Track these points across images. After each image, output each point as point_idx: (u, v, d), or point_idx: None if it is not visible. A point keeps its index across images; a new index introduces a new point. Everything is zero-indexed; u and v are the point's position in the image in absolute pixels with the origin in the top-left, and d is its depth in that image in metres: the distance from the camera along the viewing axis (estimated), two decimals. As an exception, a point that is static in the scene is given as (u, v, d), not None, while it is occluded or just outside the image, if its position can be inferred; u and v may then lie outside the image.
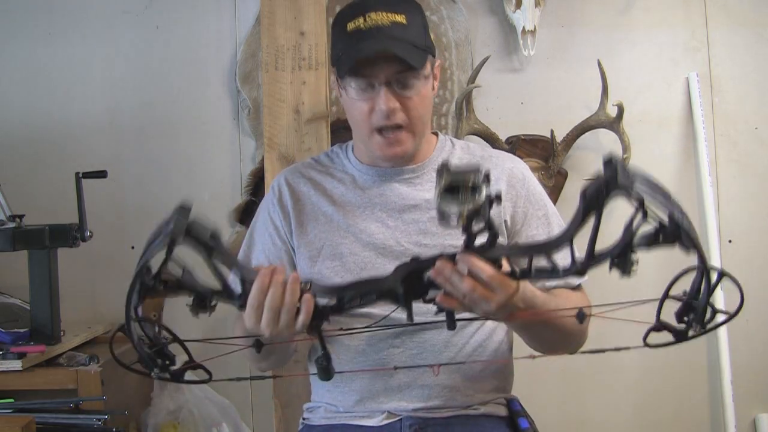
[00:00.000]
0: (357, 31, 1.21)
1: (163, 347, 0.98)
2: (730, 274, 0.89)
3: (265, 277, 0.98)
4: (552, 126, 2.08)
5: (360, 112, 1.25)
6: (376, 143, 1.26)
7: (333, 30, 1.29)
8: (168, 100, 2.18)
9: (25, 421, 1.40)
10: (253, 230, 1.39)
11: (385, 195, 1.31)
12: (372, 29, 1.21)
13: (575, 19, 2.18)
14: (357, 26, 1.21)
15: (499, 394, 1.33)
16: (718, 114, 2.18)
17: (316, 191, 1.34)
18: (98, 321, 2.07)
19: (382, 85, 1.22)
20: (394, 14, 1.22)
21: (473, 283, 0.94)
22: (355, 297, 1.01)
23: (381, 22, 1.21)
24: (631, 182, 0.82)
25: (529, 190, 1.34)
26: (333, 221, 1.30)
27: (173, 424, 1.88)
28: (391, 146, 1.26)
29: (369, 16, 1.21)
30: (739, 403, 2.09)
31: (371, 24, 1.21)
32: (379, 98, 1.22)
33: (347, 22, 1.23)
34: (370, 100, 1.23)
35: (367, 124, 1.25)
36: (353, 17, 1.23)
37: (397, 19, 1.22)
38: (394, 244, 1.27)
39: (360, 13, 1.22)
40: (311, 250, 1.30)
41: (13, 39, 2.18)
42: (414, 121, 1.26)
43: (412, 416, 1.25)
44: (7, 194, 1.82)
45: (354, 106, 1.26)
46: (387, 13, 1.21)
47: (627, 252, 0.86)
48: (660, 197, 0.85)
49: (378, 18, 1.21)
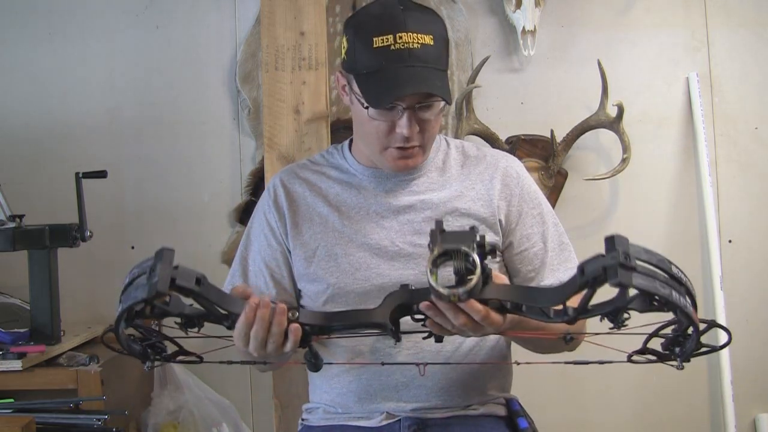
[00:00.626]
0: (386, 50, 1.17)
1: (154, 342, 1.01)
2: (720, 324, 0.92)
3: (251, 312, 1.01)
4: (552, 126, 2.08)
5: (377, 130, 1.23)
6: (389, 156, 1.25)
7: (352, 36, 1.22)
8: (168, 100, 2.18)
9: (25, 421, 1.40)
10: (249, 231, 1.39)
11: (381, 196, 1.31)
12: (402, 53, 1.16)
13: (575, 19, 2.18)
14: (386, 45, 1.17)
15: (499, 393, 1.33)
16: (718, 114, 2.18)
17: (311, 192, 1.34)
18: (98, 321, 2.08)
19: (405, 109, 1.19)
20: (423, 35, 1.18)
21: (466, 320, 0.97)
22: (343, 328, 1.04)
23: (411, 44, 1.17)
24: (630, 279, 0.82)
25: (523, 188, 1.33)
26: (328, 222, 1.30)
27: (173, 424, 1.89)
28: (405, 160, 1.25)
29: (399, 36, 1.17)
30: (739, 403, 2.09)
31: (401, 46, 1.16)
32: (401, 122, 1.20)
33: (373, 36, 1.18)
34: (390, 122, 1.21)
35: (381, 141, 1.24)
36: (381, 33, 1.17)
37: (426, 41, 1.18)
38: (389, 244, 1.27)
39: (389, 31, 1.17)
40: (306, 251, 1.30)
41: (13, 39, 2.19)
42: (428, 141, 1.26)
43: (410, 416, 1.25)
44: (7, 194, 1.82)
45: (370, 123, 1.23)
46: (417, 35, 1.17)
47: (620, 312, 0.88)
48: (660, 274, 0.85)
49: (409, 39, 1.17)
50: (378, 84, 1.18)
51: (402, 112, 1.19)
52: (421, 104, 1.20)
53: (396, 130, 1.21)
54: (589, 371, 2.17)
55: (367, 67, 1.19)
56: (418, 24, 1.19)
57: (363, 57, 1.20)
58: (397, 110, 1.20)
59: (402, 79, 1.17)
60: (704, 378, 2.18)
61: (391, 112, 1.20)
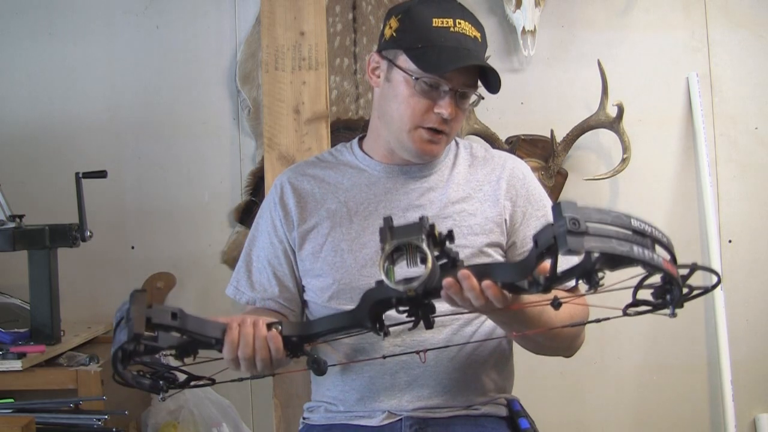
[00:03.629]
0: (445, 30, 1.21)
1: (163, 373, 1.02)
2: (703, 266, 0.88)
3: (234, 332, 1.04)
4: (552, 126, 2.08)
5: (414, 108, 1.24)
6: (417, 137, 1.26)
7: (408, 15, 1.25)
8: (168, 100, 2.18)
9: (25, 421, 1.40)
10: (255, 228, 1.40)
11: (390, 193, 1.31)
12: (459, 36, 1.21)
13: (575, 19, 2.19)
14: (445, 26, 1.21)
15: (500, 394, 1.33)
16: (718, 114, 2.18)
17: (320, 188, 1.34)
18: (98, 321, 2.07)
19: (449, 91, 1.23)
20: (476, 30, 1.24)
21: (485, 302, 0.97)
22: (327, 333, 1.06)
23: (468, 32, 1.22)
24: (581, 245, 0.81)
25: (529, 190, 1.34)
26: (336, 217, 1.31)
27: (173, 424, 1.88)
28: (431, 144, 1.27)
29: (459, 22, 1.22)
30: (739, 403, 2.09)
31: (459, 30, 1.21)
32: (443, 102, 1.23)
33: (433, 17, 1.22)
34: (431, 100, 1.24)
35: (416, 119, 1.25)
36: (441, 15, 1.22)
37: (478, 35, 1.24)
38: (397, 241, 1.27)
39: (450, 15, 1.22)
40: (314, 246, 1.31)
41: (13, 39, 2.19)
42: (453, 131, 1.29)
43: (412, 416, 1.25)
44: (7, 194, 1.82)
45: (409, 100, 1.25)
46: (472, 27, 1.23)
47: (591, 273, 0.87)
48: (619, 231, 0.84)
49: (466, 27, 1.22)
50: (438, 54, 1.21)
51: (446, 93, 1.22)
52: (464, 89, 1.23)
53: (435, 110, 1.23)
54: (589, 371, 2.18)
55: (424, 40, 1.22)
56: (472, 19, 1.25)
57: (420, 33, 1.23)
58: (441, 90, 1.23)
59: (462, 54, 1.21)
60: (704, 378, 2.18)
61: (436, 90, 1.23)
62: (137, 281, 2.11)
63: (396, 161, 1.33)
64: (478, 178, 1.33)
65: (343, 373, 1.29)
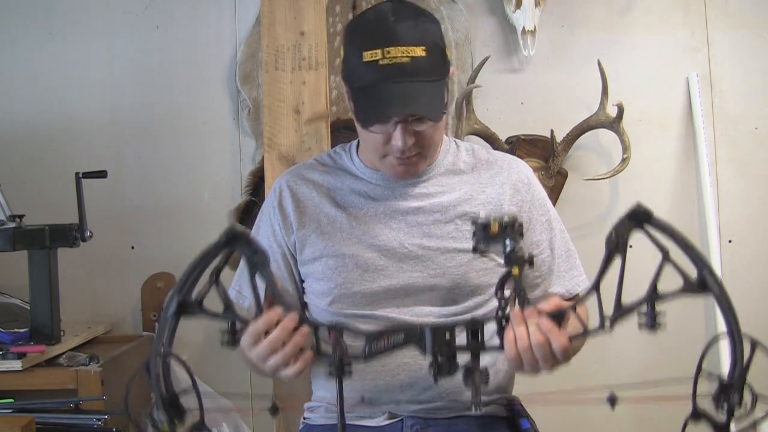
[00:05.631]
0: (375, 65, 1.16)
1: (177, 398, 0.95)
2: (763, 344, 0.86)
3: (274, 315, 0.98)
4: (552, 126, 2.08)
5: (373, 140, 1.23)
6: (389, 165, 1.25)
7: (347, 44, 1.23)
8: (168, 100, 2.18)
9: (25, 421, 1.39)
10: (256, 233, 1.39)
11: (390, 197, 1.31)
12: (391, 68, 1.15)
13: (575, 19, 2.18)
14: (374, 59, 1.15)
15: (500, 394, 1.33)
16: (718, 114, 2.18)
17: (318, 193, 1.33)
18: (98, 321, 2.08)
19: (398, 123, 1.19)
20: (414, 47, 1.16)
21: (545, 340, 0.99)
22: (383, 336, 1.02)
23: (400, 59, 1.15)
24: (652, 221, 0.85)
25: (533, 195, 1.34)
26: (336, 222, 1.30)
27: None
28: (404, 167, 1.25)
29: (388, 52, 1.15)
30: (739, 403, 2.09)
31: (389, 61, 1.15)
32: (395, 134, 1.19)
33: (363, 50, 1.17)
34: (385, 134, 1.21)
35: (380, 151, 1.24)
36: (371, 46, 1.16)
37: (416, 53, 1.16)
38: (397, 246, 1.27)
39: (378, 45, 1.16)
40: (314, 251, 1.30)
41: (13, 39, 2.18)
42: (427, 148, 1.25)
43: (413, 416, 1.25)
44: (7, 194, 1.82)
45: (365, 136, 1.25)
46: (407, 48, 1.15)
47: (652, 303, 0.87)
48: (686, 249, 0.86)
49: (397, 54, 1.15)
50: (366, 101, 1.18)
51: (395, 125, 1.19)
52: (414, 117, 1.19)
53: (391, 141, 1.21)
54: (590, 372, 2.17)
55: (358, 80, 1.20)
56: (408, 35, 1.16)
57: (354, 70, 1.20)
58: (391, 123, 1.19)
59: (388, 98, 1.16)
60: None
61: (385, 125, 1.20)
62: (137, 281, 2.11)
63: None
64: (480, 181, 1.32)
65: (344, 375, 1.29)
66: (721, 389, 0.87)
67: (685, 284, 0.86)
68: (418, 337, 1.01)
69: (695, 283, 0.85)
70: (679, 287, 0.86)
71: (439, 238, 1.26)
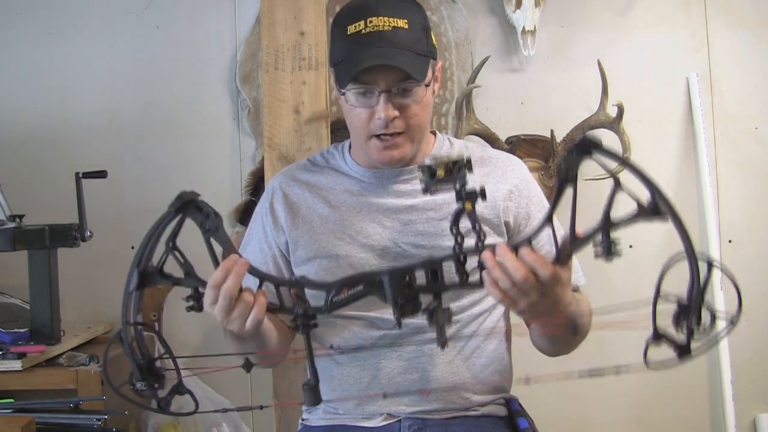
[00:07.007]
0: (357, 35, 1.19)
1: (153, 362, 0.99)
2: (718, 264, 0.88)
3: (230, 262, 1.06)
4: (552, 126, 2.08)
5: (358, 118, 1.24)
6: (373, 147, 1.26)
7: (332, 31, 1.27)
8: (168, 100, 2.18)
9: (25, 421, 1.40)
10: (248, 233, 1.40)
11: (382, 196, 1.31)
12: (373, 35, 1.18)
13: (575, 19, 2.18)
14: (357, 30, 1.19)
15: (499, 394, 1.33)
16: (718, 114, 2.18)
17: (311, 194, 1.33)
18: (98, 321, 2.08)
19: (381, 93, 1.20)
20: (396, 19, 1.19)
21: (527, 273, 0.96)
22: (343, 288, 1.01)
23: (382, 27, 1.18)
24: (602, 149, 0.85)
25: (531, 191, 1.34)
26: (329, 222, 1.30)
27: (173, 424, 1.89)
28: (389, 150, 1.25)
29: (370, 21, 1.18)
30: (739, 403, 2.09)
31: (372, 29, 1.18)
32: (378, 106, 1.21)
33: (347, 25, 1.21)
34: (369, 108, 1.22)
35: (365, 131, 1.24)
36: (354, 20, 1.20)
37: (398, 24, 1.19)
38: (391, 245, 1.27)
39: (361, 17, 1.19)
40: (307, 252, 1.30)
41: (13, 39, 2.19)
42: (413, 129, 1.25)
43: (410, 417, 1.25)
44: (7, 194, 1.82)
45: (352, 112, 1.25)
46: (388, 18, 1.19)
47: (607, 231, 0.87)
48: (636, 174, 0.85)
49: (379, 23, 1.18)
50: (348, 65, 1.20)
51: (378, 96, 1.20)
52: (398, 87, 1.20)
53: (375, 116, 1.21)
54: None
55: (341, 55, 1.22)
56: (390, 9, 1.20)
57: (339, 46, 1.23)
58: (374, 95, 1.20)
59: (366, 56, 1.18)
60: (704, 378, 2.18)
61: (368, 98, 1.21)
62: (137, 281, 2.11)
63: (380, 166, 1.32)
64: (474, 178, 1.32)
65: (342, 376, 1.29)
66: (680, 310, 0.87)
67: (639, 209, 0.86)
68: (378, 286, 0.99)
69: (648, 208, 0.85)
70: (633, 212, 0.86)
71: (433, 236, 1.26)
